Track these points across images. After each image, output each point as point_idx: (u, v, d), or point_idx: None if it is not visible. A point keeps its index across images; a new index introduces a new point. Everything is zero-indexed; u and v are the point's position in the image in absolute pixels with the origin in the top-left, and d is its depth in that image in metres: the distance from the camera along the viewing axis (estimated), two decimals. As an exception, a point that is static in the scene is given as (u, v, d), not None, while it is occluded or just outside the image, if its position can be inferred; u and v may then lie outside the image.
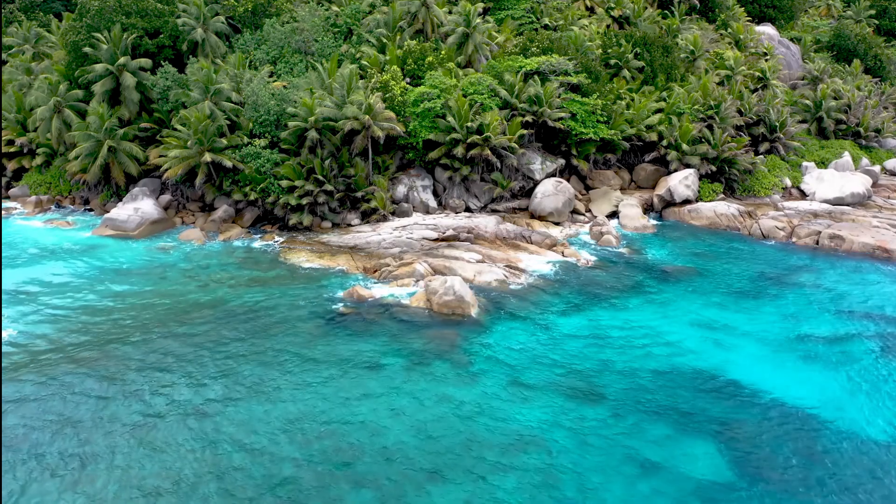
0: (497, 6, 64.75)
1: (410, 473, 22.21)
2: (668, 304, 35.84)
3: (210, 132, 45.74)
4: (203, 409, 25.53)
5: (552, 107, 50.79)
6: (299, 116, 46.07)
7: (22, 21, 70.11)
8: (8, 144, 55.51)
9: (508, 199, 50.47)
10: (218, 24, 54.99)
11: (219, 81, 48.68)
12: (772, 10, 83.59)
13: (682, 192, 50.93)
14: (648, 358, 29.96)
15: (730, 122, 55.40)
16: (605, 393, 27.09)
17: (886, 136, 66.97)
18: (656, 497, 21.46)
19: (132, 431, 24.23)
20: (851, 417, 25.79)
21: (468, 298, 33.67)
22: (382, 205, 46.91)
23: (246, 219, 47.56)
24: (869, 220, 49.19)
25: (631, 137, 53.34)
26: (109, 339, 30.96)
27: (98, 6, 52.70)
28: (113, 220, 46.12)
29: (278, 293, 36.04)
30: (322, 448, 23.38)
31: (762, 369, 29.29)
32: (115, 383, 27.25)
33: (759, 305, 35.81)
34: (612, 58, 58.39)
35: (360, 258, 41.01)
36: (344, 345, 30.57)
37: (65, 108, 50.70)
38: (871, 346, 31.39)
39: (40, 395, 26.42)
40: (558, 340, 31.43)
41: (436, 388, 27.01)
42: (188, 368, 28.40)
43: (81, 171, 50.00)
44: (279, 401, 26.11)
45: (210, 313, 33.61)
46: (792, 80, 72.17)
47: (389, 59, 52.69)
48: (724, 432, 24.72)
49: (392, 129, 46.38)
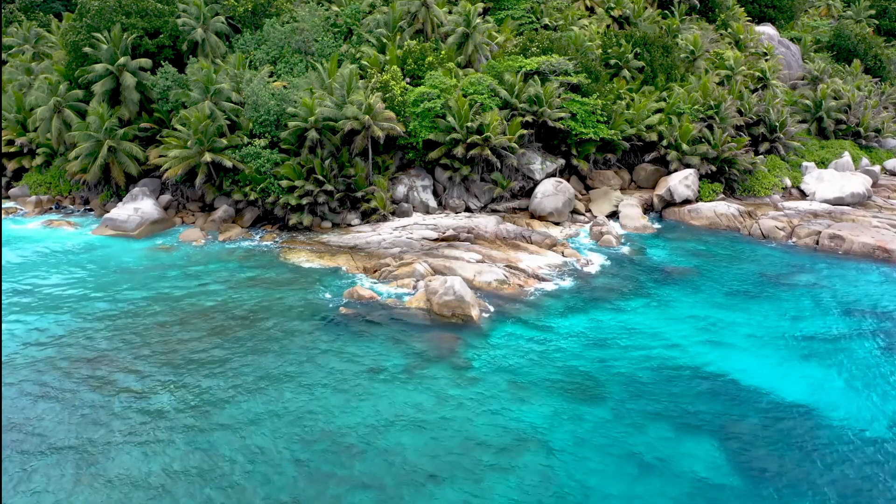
0: (497, 6, 64.73)
1: (410, 474, 22.21)
2: (669, 304, 35.85)
3: (210, 132, 45.73)
4: (202, 409, 25.54)
5: (552, 107, 50.78)
6: (299, 116, 46.07)
7: (22, 21, 70.06)
8: (8, 144, 55.47)
9: (508, 199, 50.46)
10: (218, 24, 54.97)
11: (219, 81, 48.67)
12: (772, 10, 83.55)
13: (682, 192, 50.93)
14: (648, 358, 29.96)
15: (730, 122, 55.38)
16: (606, 393, 27.09)
17: (886, 136, 66.96)
18: (657, 497, 21.46)
19: (131, 431, 24.23)
20: (852, 416, 25.80)
21: (468, 298, 33.66)
22: (382, 205, 46.91)
23: (246, 219, 47.56)
24: (869, 220, 49.18)
25: (631, 137, 53.33)
26: (109, 338, 30.96)
27: (98, 6, 52.68)
28: (113, 220, 46.12)
29: (278, 293, 36.03)
30: (322, 448, 23.39)
31: (762, 369, 29.30)
32: (114, 383, 27.25)
33: (759, 305, 35.81)
34: (612, 58, 58.39)
35: (360, 258, 41.01)
36: (344, 345, 30.57)
37: (65, 108, 50.67)
38: (871, 346, 31.41)
39: (40, 395, 26.41)
40: (558, 340, 31.44)
41: (436, 389, 27.01)
42: (188, 368, 28.40)
43: (81, 171, 49.98)
44: (279, 401, 26.11)
45: (210, 313, 33.61)
46: (792, 80, 72.15)
47: (389, 59, 52.69)
48: (724, 432, 24.73)
49: (392, 129, 46.38)
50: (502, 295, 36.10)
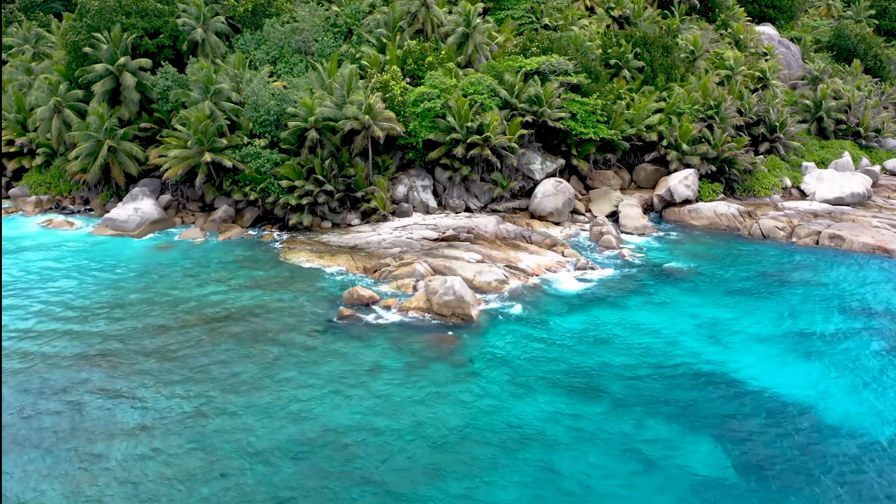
0: (497, 6, 64.75)
1: (410, 471, 22.22)
2: (668, 303, 35.86)
3: (210, 132, 45.74)
4: (202, 409, 25.54)
5: (552, 107, 50.79)
6: (299, 116, 46.07)
7: (22, 21, 70.09)
8: (8, 144, 55.48)
9: (508, 199, 50.47)
10: (218, 24, 54.99)
11: (219, 81, 48.68)
12: (772, 10, 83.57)
13: (682, 192, 50.93)
14: (648, 356, 29.98)
15: (730, 122, 55.39)
16: (606, 391, 27.10)
17: (886, 136, 66.98)
18: (656, 493, 21.48)
19: (130, 432, 24.22)
20: (852, 415, 25.80)
21: (468, 298, 33.66)
22: (382, 205, 46.91)
23: (246, 219, 47.57)
24: (869, 220, 49.20)
25: (631, 137, 53.33)
26: (108, 338, 30.96)
27: (98, 6, 52.70)
28: (113, 219, 46.13)
29: (278, 293, 36.03)
30: (322, 447, 23.38)
31: (762, 367, 29.30)
32: (113, 383, 27.24)
33: (759, 304, 35.83)
34: (612, 58, 58.40)
35: (360, 258, 41.01)
36: (344, 345, 30.58)
37: (65, 108, 50.69)
38: (871, 344, 31.41)
39: (39, 395, 26.41)
40: (558, 339, 31.45)
41: (436, 388, 27.02)
42: (187, 367, 28.39)
43: (81, 171, 49.99)
44: (279, 400, 26.12)
45: (209, 313, 33.62)
46: (792, 80, 72.16)
47: (389, 59, 52.69)
48: (724, 429, 24.74)
49: (392, 129, 46.38)
50: (502, 294, 36.10)
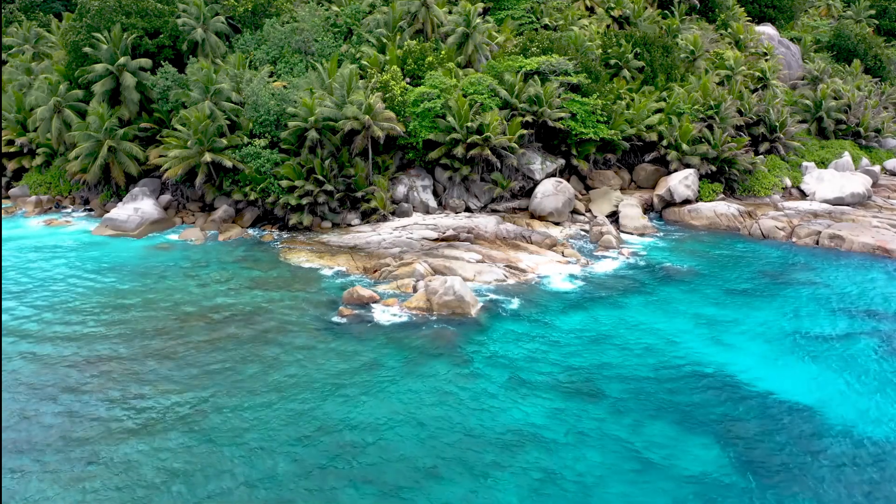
0: (497, 6, 64.74)
1: (410, 471, 22.21)
2: (668, 303, 35.85)
3: (210, 132, 45.74)
4: (202, 409, 25.53)
5: (552, 107, 50.79)
6: (299, 116, 46.07)
7: (22, 21, 70.13)
8: (8, 144, 55.53)
9: (508, 199, 50.47)
10: (218, 24, 55.00)
11: (219, 81, 48.69)
12: (772, 10, 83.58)
13: (682, 192, 50.93)
14: (648, 356, 29.96)
15: (730, 122, 55.40)
16: (605, 391, 27.09)
17: (886, 136, 67.00)
18: (656, 494, 21.45)
19: (130, 431, 24.22)
20: (852, 415, 25.77)
21: (468, 298, 33.67)
22: (382, 205, 46.91)
23: (246, 219, 47.58)
24: (869, 220, 49.20)
25: (631, 137, 53.34)
26: (108, 339, 30.96)
27: (98, 6, 52.72)
28: (113, 219, 46.14)
29: (278, 293, 36.03)
30: (322, 446, 23.37)
31: (762, 367, 29.28)
32: (113, 383, 27.24)
33: (759, 305, 35.81)
34: (612, 58, 58.39)
35: (360, 258, 41.01)
36: (343, 345, 30.57)
37: (65, 108, 50.70)
38: (871, 344, 31.38)
39: (39, 395, 26.41)
40: (558, 339, 31.44)
41: (435, 388, 27.01)
42: (187, 367, 28.39)
43: (81, 171, 50.02)
44: (279, 399, 26.11)
45: (209, 313, 33.61)
46: (792, 80, 72.16)
47: (389, 59, 52.69)
48: (723, 429, 24.72)
49: (392, 129, 46.38)
50: (502, 294, 36.10)
